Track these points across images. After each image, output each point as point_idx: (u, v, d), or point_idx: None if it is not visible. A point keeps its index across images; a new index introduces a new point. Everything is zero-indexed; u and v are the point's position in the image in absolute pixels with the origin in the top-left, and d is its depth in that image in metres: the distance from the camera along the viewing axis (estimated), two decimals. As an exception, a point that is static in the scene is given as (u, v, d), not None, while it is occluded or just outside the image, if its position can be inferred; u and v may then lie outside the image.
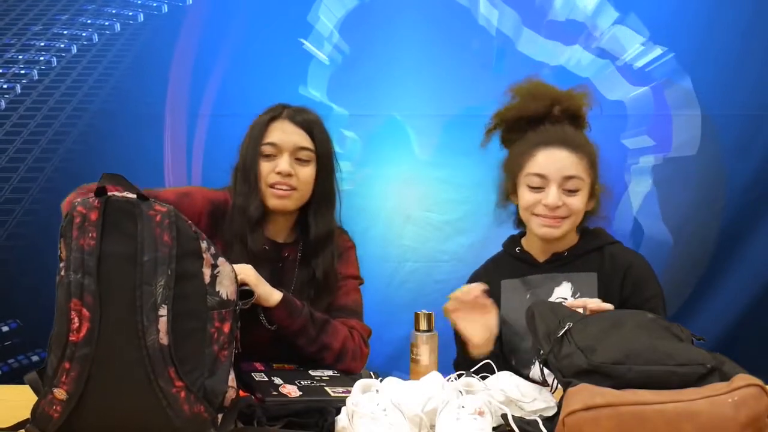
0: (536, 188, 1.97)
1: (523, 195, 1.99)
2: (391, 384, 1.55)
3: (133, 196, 1.42)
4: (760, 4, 2.99)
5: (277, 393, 1.63)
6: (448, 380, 1.58)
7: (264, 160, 1.94)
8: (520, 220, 2.10)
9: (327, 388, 1.69)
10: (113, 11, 3.08)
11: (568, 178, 1.96)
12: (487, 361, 1.73)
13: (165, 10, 3.08)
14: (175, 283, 1.38)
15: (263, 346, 1.78)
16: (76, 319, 1.35)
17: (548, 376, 1.65)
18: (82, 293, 1.35)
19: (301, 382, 1.70)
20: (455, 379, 1.60)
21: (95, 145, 3.03)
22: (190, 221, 1.43)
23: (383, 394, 1.48)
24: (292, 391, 1.65)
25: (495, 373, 1.67)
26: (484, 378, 1.62)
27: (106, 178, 1.43)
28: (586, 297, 1.95)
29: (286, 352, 1.87)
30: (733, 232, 2.98)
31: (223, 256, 1.47)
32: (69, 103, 3.06)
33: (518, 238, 2.12)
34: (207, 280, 1.43)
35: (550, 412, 1.53)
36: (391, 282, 3.00)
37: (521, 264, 2.06)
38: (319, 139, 1.96)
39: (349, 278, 2.03)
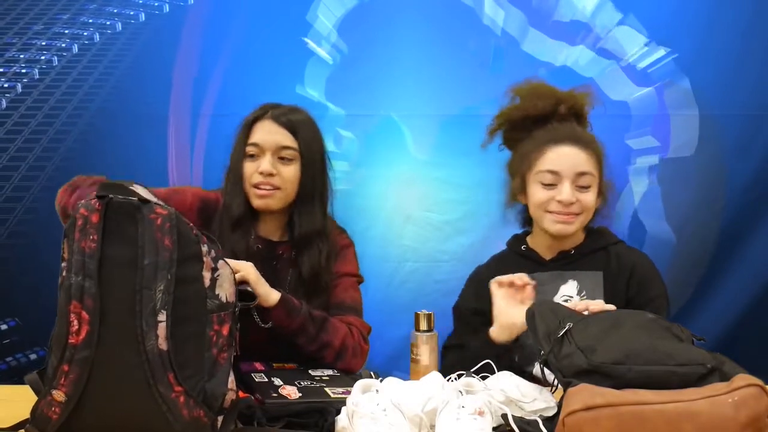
0: (549, 185, 1.98)
1: (535, 193, 1.99)
2: (391, 384, 1.55)
3: (134, 198, 1.40)
4: (760, 4, 2.99)
5: (276, 395, 1.63)
6: (448, 380, 1.58)
7: (248, 160, 1.96)
8: (525, 219, 2.10)
9: (327, 389, 1.69)
10: (114, 10, 3.08)
11: (581, 174, 1.97)
12: (487, 361, 1.73)
13: (166, 10, 3.07)
14: (174, 287, 1.37)
15: (261, 345, 1.78)
16: (75, 322, 1.35)
17: (548, 376, 1.65)
18: (82, 296, 1.35)
19: (301, 383, 1.71)
20: (455, 379, 1.61)
21: (96, 144, 3.03)
22: (191, 224, 1.43)
23: (383, 394, 1.48)
24: (291, 392, 1.65)
25: (495, 373, 1.67)
26: (484, 378, 1.62)
27: (102, 188, 1.41)
28: (591, 295, 1.96)
29: (284, 350, 1.87)
30: (733, 232, 2.98)
31: (223, 258, 1.46)
32: (70, 102, 3.06)
33: (523, 236, 2.12)
34: (207, 283, 1.42)
35: (550, 412, 1.54)
36: (391, 282, 3.00)
37: (527, 261, 2.06)
38: (303, 138, 1.96)
39: (347, 276, 2.03)
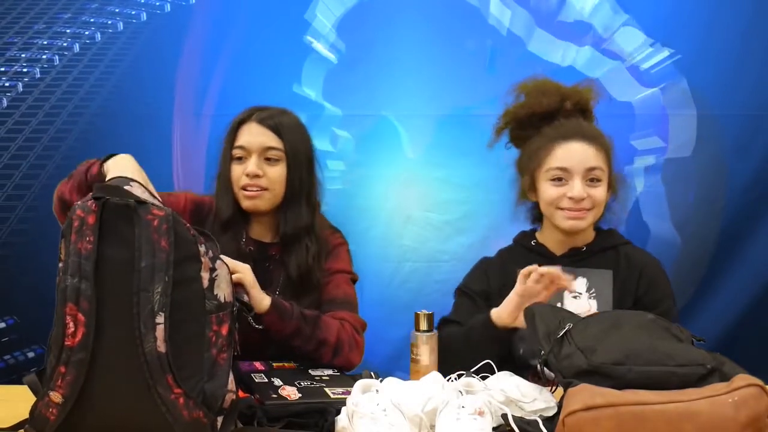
0: (559, 182, 1.98)
1: (546, 190, 2.00)
2: (391, 384, 1.55)
3: (131, 199, 1.40)
4: (759, 4, 2.99)
5: (276, 396, 1.63)
6: (448, 380, 1.59)
7: (235, 163, 1.98)
8: (535, 216, 2.10)
9: (326, 390, 1.69)
10: (116, 10, 3.07)
11: (591, 169, 1.98)
12: (487, 361, 1.73)
13: (168, 9, 3.07)
14: (172, 289, 1.36)
15: (257, 345, 1.78)
16: (71, 324, 1.34)
17: (549, 375, 1.65)
18: (78, 298, 1.34)
19: (301, 383, 1.71)
20: (455, 379, 1.61)
21: (97, 144, 3.02)
22: (188, 224, 1.42)
23: (383, 394, 1.48)
24: (291, 393, 1.65)
25: (495, 373, 1.67)
26: (484, 378, 1.62)
27: (99, 190, 1.41)
28: (600, 293, 1.97)
29: (282, 349, 1.88)
30: (733, 232, 2.97)
31: (220, 258, 1.46)
32: (71, 102, 3.06)
33: (531, 233, 2.12)
34: (205, 284, 1.42)
35: (550, 412, 1.54)
36: (391, 282, 3.00)
37: (537, 256, 2.05)
38: (288, 138, 1.97)
39: (339, 272, 2.03)
